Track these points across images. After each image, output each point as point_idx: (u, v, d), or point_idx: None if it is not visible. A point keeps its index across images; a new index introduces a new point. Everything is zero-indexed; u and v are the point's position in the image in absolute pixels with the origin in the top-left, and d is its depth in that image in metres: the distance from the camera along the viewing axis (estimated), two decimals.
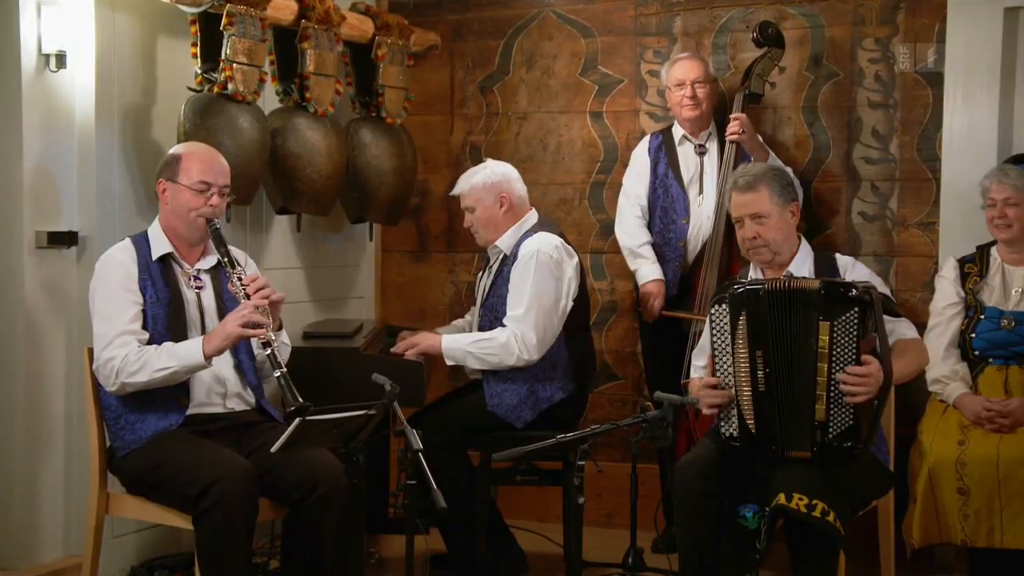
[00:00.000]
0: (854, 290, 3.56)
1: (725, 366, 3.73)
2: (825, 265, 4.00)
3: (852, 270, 4.00)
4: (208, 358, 3.61)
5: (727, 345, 3.72)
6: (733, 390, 3.70)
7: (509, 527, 4.70)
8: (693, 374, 4.15)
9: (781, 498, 3.45)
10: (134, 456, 3.65)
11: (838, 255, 4.09)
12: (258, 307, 3.62)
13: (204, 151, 3.85)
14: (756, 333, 3.65)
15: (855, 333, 3.55)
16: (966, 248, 4.55)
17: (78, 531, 4.14)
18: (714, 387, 3.74)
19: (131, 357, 3.59)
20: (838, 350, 3.56)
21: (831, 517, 3.43)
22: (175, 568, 4.34)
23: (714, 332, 3.77)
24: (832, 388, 3.57)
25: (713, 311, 3.76)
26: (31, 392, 4.14)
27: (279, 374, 3.55)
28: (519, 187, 4.58)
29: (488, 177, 4.54)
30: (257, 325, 3.60)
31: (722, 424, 3.75)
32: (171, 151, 3.85)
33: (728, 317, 3.70)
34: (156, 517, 3.69)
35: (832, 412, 3.58)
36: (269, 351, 3.60)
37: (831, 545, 3.51)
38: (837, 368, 3.56)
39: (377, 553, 4.81)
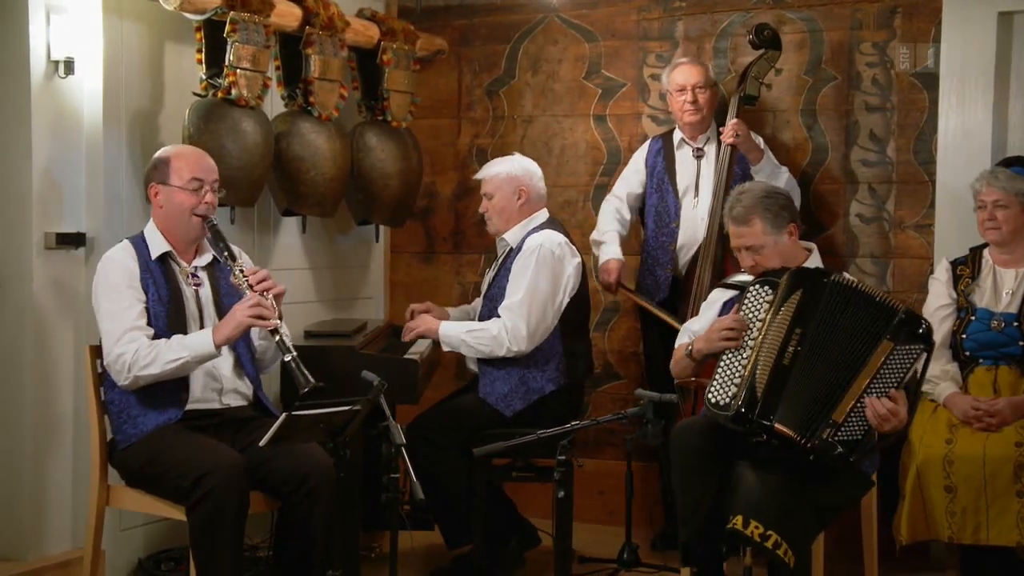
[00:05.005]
0: (924, 328, 3.65)
1: (749, 335, 3.77)
2: None
3: None
4: (219, 347, 3.73)
5: (759, 314, 3.77)
6: (749, 359, 3.72)
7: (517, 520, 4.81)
8: (683, 338, 4.15)
9: (738, 522, 3.47)
10: (133, 449, 3.75)
11: (845, 275, 4.05)
12: (264, 295, 3.74)
13: (190, 151, 3.95)
14: (804, 312, 3.71)
15: (907, 367, 3.63)
16: (961, 250, 4.59)
17: (85, 524, 4.24)
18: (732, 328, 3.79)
19: (142, 351, 3.69)
20: (885, 371, 3.62)
21: (782, 551, 3.45)
22: (181, 560, 4.42)
23: (747, 304, 3.81)
24: (861, 399, 3.62)
25: (753, 289, 3.84)
26: (39, 388, 4.25)
27: (289, 358, 3.66)
28: (539, 185, 4.70)
29: (512, 169, 4.67)
30: (264, 314, 3.71)
31: (716, 391, 3.74)
32: (157, 156, 3.94)
33: (771, 294, 3.78)
34: (153, 508, 3.81)
35: (850, 419, 3.62)
36: (278, 337, 3.71)
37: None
38: (875, 386, 3.62)
39: (378, 548, 4.89)
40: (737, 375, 3.74)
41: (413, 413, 4.66)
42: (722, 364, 3.80)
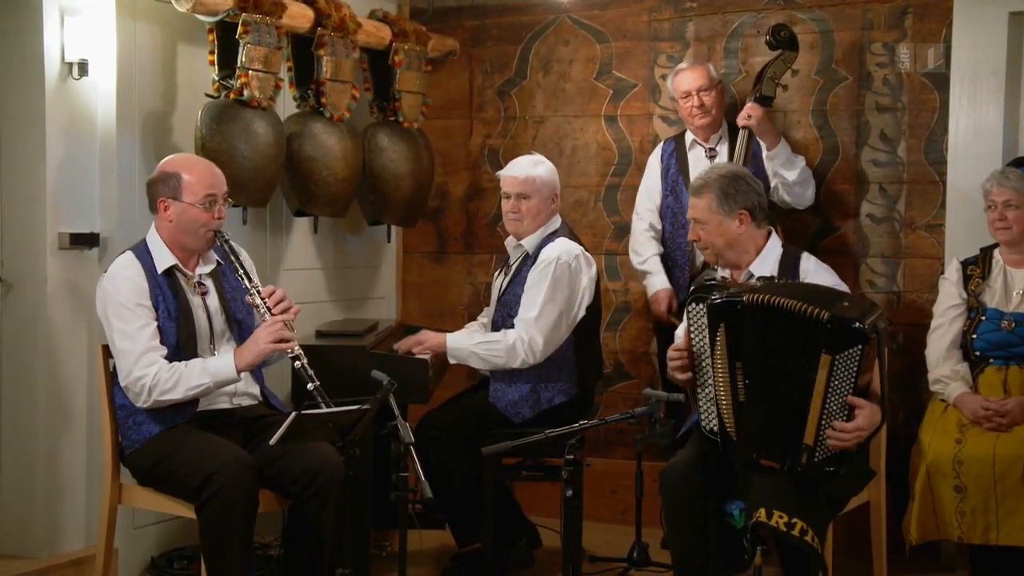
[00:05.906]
0: (859, 324, 3.40)
1: (705, 367, 3.69)
2: (788, 264, 3.97)
3: (815, 275, 3.95)
4: (240, 372, 3.75)
5: (706, 348, 3.67)
6: (713, 392, 3.66)
7: (523, 521, 4.82)
8: None
9: (761, 514, 3.44)
10: (141, 451, 3.78)
11: (804, 254, 4.04)
12: (285, 322, 3.75)
13: (200, 164, 3.91)
14: (736, 346, 3.59)
15: (854, 371, 3.45)
16: (972, 250, 4.60)
17: (98, 522, 4.25)
18: (680, 350, 3.73)
19: (163, 375, 3.69)
20: (836, 382, 3.47)
21: (809, 536, 3.44)
22: (194, 558, 4.44)
23: (692, 331, 3.70)
24: (824, 417, 3.49)
25: (690, 309, 3.68)
26: (53, 388, 4.29)
27: (312, 387, 3.66)
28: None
29: (550, 173, 4.65)
30: (286, 340, 3.73)
31: (705, 419, 3.72)
32: (163, 169, 3.87)
33: (706, 319, 3.64)
34: (164, 507, 3.84)
35: (820, 439, 3.52)
36: (299, 364, 3.71)
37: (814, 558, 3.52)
38: (833, 398, 3.48)
39: (389, 546, 4.91)
40: (713, 404, 3.68)
41: (424, 412, 4.68)
42: (699, 392, 3.74)
